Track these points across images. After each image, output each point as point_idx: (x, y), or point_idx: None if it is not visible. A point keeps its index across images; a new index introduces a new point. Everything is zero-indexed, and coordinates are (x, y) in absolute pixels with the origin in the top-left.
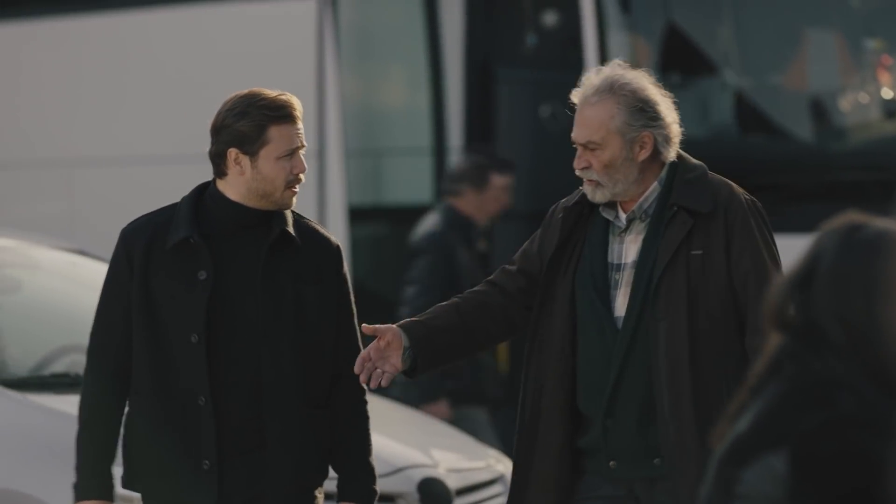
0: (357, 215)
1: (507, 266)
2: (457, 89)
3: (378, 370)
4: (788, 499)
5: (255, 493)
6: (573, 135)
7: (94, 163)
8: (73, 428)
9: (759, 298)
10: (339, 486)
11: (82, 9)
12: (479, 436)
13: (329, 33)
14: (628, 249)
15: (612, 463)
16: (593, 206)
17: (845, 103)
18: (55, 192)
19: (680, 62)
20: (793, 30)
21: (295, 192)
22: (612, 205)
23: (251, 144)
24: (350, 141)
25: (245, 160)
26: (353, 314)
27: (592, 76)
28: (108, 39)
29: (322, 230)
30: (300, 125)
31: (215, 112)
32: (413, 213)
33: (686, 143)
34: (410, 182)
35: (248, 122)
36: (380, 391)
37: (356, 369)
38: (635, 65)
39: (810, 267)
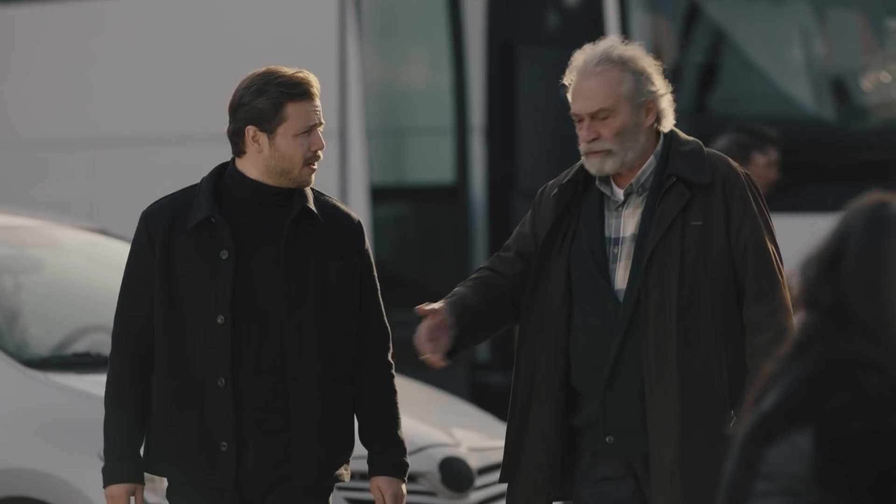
0: (379, 195)
1: (501, 253)
2: (478, 69)
3: (436, 354)
4: (813, 478)
5: (280, 473)
6: (576, 108)
7: (116, 143)
8: (94, 408)
9: (757, 270)
10: (369, 460)
11: None
12: None
13: (351, 13)
14: (626, 223)
15: (608, 438)
16: (587, 184)
17: (867, 83)
18: (77, 172)
19: (701, 41)
20: (815, 9)
21: (314, 170)
22: (606, 180)
23: (269, 122)
24: (372, 120)
25: (263, 138)
26: (377, 290)
27: (588, 51)
28: (130, 20)
29: (343, 206)
30: (318, 102)
31: None
32: (434, 193)
33: (706, 122)
34: (432, 161)
35: (266, 100)
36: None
37: (422, 348)
38: (657, 44)
39: (839, 245)
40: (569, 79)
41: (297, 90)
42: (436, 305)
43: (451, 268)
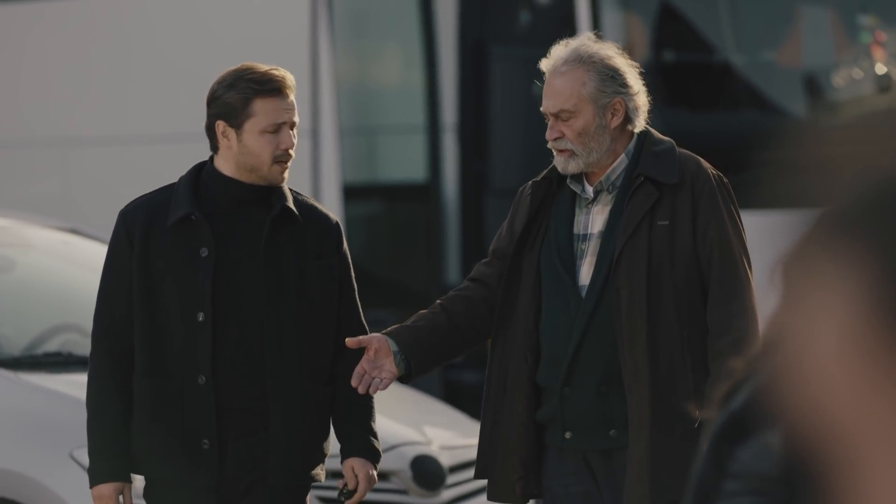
0: (351, 193)
1: (483, 260)
2: (451, 67)
3: (376, 379)
4: (783, 478)
5: (258, 473)
6: (543, 106)
7: (90, 142)
8: (67, 407)
9: (721, 271)
10: (342, 446)
11: None
12: None
13: (323, 12)
14: (595, 220)
15: (567, 434)
16: (561, 182)
17: (839, 79)
18: (51, 171)
19: (674, 39)
20: (787, 6)
21: (284, 168)
22: (578, 177)
23: (236, 117)
24: (344, 119)
25: (231, 133)
26: (354, 290)
27: (560, 48)
28: (106, 20)
29: (321, 207)
30: (290, 100)
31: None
32: (407, 191)
33: (679, 120)
34: (404, 160)
35: (235, 94)
36: None
37: (353, 383)
38: (630, 43)
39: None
40: (543, 70)
41: (267, 86)
42: (364, 337)
43: (423, 266)
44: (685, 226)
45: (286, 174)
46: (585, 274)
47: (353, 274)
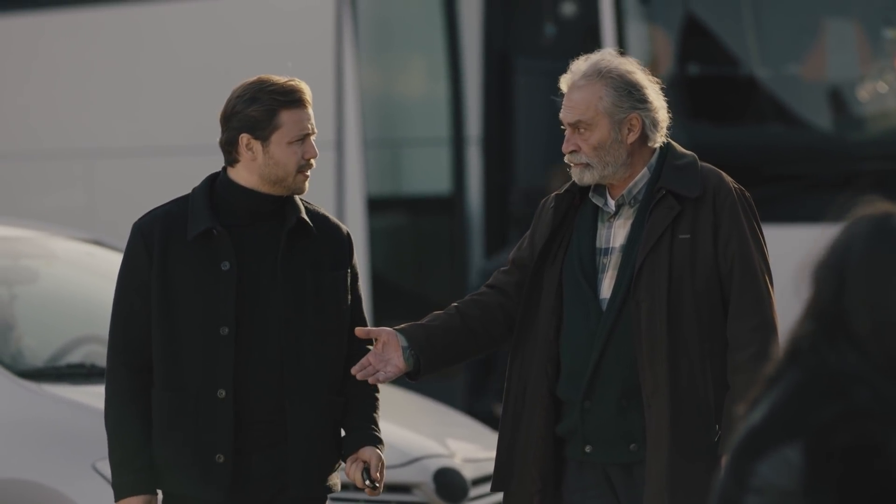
0: (375, 206)
1: (502, 268)
2: (475, 79)
3: (380, 372)
4: (803, 492)
5: (277, 485)
6: (561, 115)
7: (115, 154)
8: (89, 419)
9: (741, 285)
10: (346, 441)
11: (102, 1)
12: None
13: (347, 23)
14: (617, 234)
15: (587, 447)
16: (584, 195)
17: (864, 93)
18: (75, 182)
19: (698, 52)
20: (811, 20)
21: (307, 177)
22: (601, 191)
23: (262, 129)
24: (368, 131)
25: (257, 145)
26: (361, 301)
27: (580, 62)
28: (128, 30)
29: (332, 217)
30: (310, 111)
31: None
32: (431, 204)
33: (703, 133)
34: (429, 172)
35: (259, 107)
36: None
37: (353, 371)
38: (654, 55)
39: (841, 254)
40: (562, 85)
41: (290, 97)
42: (374, 329)
43: (447, 278)
44: (706, 239)
45: (308, 183)
46: (607, 287)
47: (359, 286)
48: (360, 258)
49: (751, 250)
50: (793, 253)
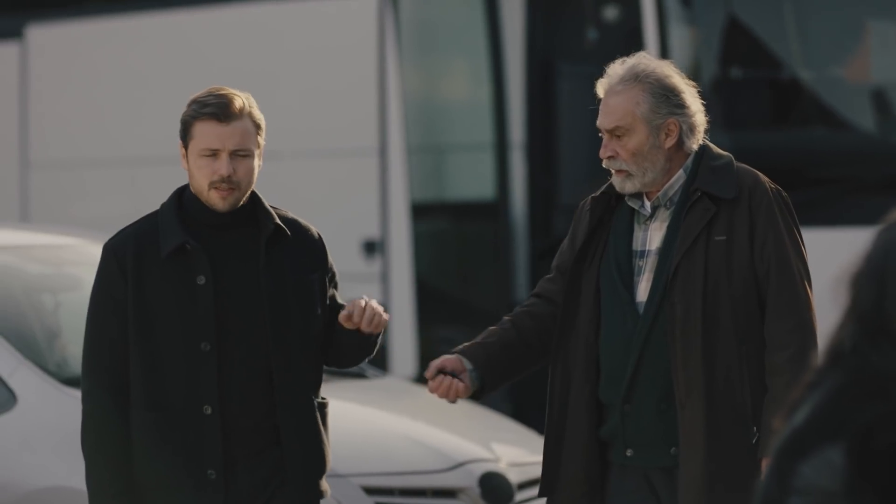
0: (420, 211)
1: (546, 276)
2: (518, 85)
3: (453, 387)
4: (845, 493)
5: (272, 490)
6: (598, 121)
7: (157, 161)
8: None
9: (779, 286)
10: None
11: (146, 7)
12: None
13: (390, 29)
14: (653, 236)
15: (628, 451)
16: (620, 197)
17: None
18: (118, 190)
19: (741, 55)
20: (855, 21)
21: (223, 196)
22: (636, 193)
23: (184, 139)
24: (412, 137)
25: (185, 153)
26: (336, 297)
27: (617, 66)
28: (172, 38)
29: (302, 221)
30: (236, 127)
31: (278, 110)
32: (475, 209)
33: (745, 136)
34: (472, 178)
35: (185, 115)
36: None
37: (428, 375)
38: (696, 59)
39: (882, 257)
40: (600, 90)
41: (206, 110)
42: (439, 362)
43: (491, 284)
44: (742, 241)
45: (227, 202)
46: (643, 290)
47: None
48: (404, 263)
49: (787, 251)
50: (838, 256)
